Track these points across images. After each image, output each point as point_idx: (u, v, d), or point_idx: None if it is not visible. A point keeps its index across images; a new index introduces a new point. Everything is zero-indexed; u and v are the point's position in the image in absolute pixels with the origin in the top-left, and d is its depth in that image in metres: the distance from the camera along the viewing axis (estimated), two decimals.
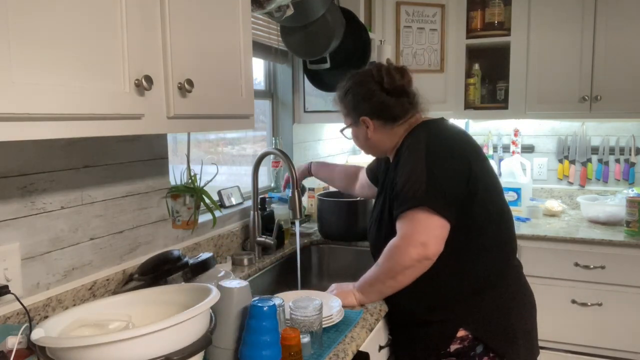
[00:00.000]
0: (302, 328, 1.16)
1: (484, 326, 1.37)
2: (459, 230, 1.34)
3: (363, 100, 1.50)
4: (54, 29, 0.81)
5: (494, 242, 1.41)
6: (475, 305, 1.38)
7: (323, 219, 2.21)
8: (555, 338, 2.42)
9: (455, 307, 1.38)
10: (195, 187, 1.63)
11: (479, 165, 1.40)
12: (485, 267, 1.39)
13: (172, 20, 1.06)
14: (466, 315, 1.38)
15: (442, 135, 1.44)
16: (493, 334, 1.37)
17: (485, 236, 1.39)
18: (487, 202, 1.40)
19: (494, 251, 1.41)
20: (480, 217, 1.38)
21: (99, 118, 0.91)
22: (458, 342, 1.38)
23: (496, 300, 1.39)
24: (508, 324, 1.40)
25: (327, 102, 2.46)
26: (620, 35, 2.47)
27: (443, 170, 1.34)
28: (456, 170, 1.36)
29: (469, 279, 1.38)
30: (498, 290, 1.40)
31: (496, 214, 1.43)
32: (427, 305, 1.41)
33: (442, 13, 2.74)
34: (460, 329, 1.38)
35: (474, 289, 1.38)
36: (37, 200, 1.20)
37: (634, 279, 2.30)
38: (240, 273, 1.76)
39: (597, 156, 2.92)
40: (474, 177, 1.36)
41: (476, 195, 1.36)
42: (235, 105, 1.30)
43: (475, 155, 1.42)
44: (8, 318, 1.12)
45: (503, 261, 1.44)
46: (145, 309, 1.09)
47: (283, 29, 2.13)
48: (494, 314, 1.39)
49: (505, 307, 1.40)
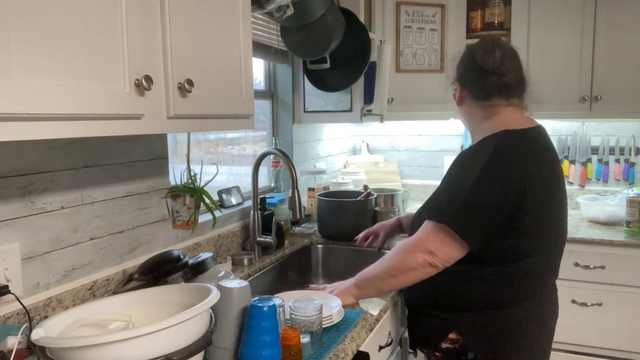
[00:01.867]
0: (302, 328, 1.16)
1: (472, 335, 1.38)
2: (489, 252, 1.32)
3: (461, 65, 1.49)
4: (54, 29, 0.81)
5: (513, 276, 1.35)
6: (469, 316, 1.38)
7: (323, 219, 2.21)
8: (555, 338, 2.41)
9: (452, 311, 1.40)
10: (195, 187, 1.63)
11: (537, 198, 1.31)
12: (494, 292, 1.36)
13: (172, 20, 1.06)
14: (459, 321, 1.39)
15: (508, 158, 1.32)
16: (481, 345, 1.37)
17: (513, 266, 1.34)
18: (528, 235, 1.33)
19: (510, 282, 1.35)
20: (513, 249, 1.33)
21: (99, 118, 0.91)
22: (449, 343, 1.42)
23: (496, 320, 1.37)
24: (500, 343, 1.37)
25: (327, 102, 2.46)
26: (620, 35, 2.47)
27: (486, 198, 1.28)
28: (500, 203, 1.29)
29: (478, 294, 1.36)
30: (499, 313, 1.36)
31: (535, 247, 1.35)
32: (432, 302, 1.44)
33: (442, 13, 2.74)
34: (452, 331, 1.40)
35: (473, 303, 1.38)
36: (37, 200, 1.20)
37: (634, 279, 2.29)
38: (240, 273, 1.76)
39: (597, 156, 2.92)
40: (522, 211, 1.29)
41: (516, 229, 1.30)
42: (235, 105, 1.30)
43: (539, 186, 1.32)
44: (8, 318, 1.12)
45: (517, 292, 1.37)
46: (145, 309, 1.09)
47: (283, 29, 2.13)
48: (487, 330, 1.37)
49: (502, 329, 1.37)
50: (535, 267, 1.38)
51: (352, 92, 2.41)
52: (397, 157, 3.32)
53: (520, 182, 1.29)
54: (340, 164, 3.17)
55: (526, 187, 1.29)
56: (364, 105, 2.44)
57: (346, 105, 2.43)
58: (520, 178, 1.30)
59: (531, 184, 1.31)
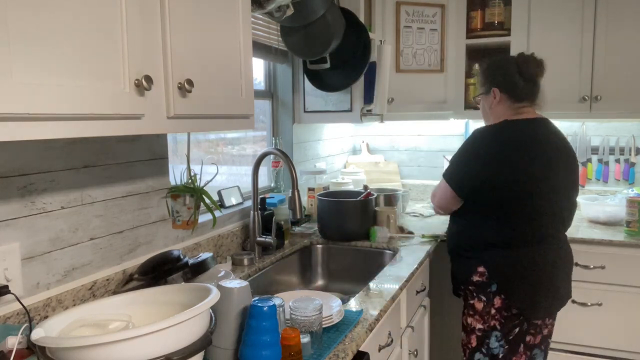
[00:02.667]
0: (302, 328, 1.16)
1: (493, 270, 1.75)
2: (482, 201, 1.76)
3: (500, 75, 1.86)
4: (54, 28, 0.81)
5: (514, 220, 1.74)
6: (489, 253, 1.76)
7: (323, 219, 2.21)
8: (555, 338, 2.42)
9: (476, 250, 1.80)
10: (195, 187, 1.63)
11: (512, 171, 1.70)
12: (501, 233, 1.75)
13: (172, 20, 1.06)
14: (482, 257, 1.78)
15: (498, 138, 1.75)
16: (501, 277, 1.74)
17: (503, 214, 1.74)
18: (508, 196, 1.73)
19: (512, 225, 1.74)
20: (504, 199, 1.73)
21: (99, 118, 0.91)
22: (478, 276, 1.78)
23: (506, 258, 1.74)
24: (519, 277, 1.73)
25: (327, 102, 2.46)
26: (620, 35, 2.47)
27: (468, 163, 1.79)
28: (479, 168, 1.75)
29: (487, 234, 1.77)
30: (508, 252, 1.74)
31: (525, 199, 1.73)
32: (461, 244, 1.86)
33: (442, 13, 2.74)
34: (480, 265, 1.77)
35: (490, 243, 1.76)
36: (37, 200, 1.20)
37: (634, 279, 2.29)
38: (240, 273, 1.76)
39: (597, 156, 2.92)
40: (492, 180, 1.72)
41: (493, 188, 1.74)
42: (235, 105, 1.30)
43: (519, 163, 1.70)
44: (8, 318, 1.12)
45: (520, 235, 1.74)
46: (145, 309, 1.09)
47: (283, 29, 2.13)
48: (504, 265, 1.74)
49: (511, 269, 1.74)
50: (530, 215, 1.73)
51: (352, 92, 2.41)
52: (397, 157, 3.32)
53: (499, 158, 1.72)
54: (340, 164, 3.17)
55: (505, 162, 1.71)
56: (364, 105, 2.44)
57: (346, 105, 2.43)
58: (503, 155, 1.72)
59: (511, 160, 1.71)
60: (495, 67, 1.89)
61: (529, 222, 1.74)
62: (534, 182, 1.72)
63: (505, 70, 1.84)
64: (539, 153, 1.73)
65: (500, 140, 1.75)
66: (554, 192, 1.75)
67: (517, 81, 1.81)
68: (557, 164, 1.76)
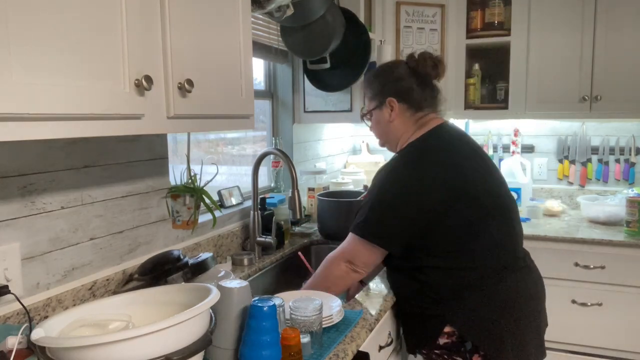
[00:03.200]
0: (302, 328, 1.16)
1: (469, 324, 1.40)
2: (441, 237, 1.42)
3: (392, 82, 1.57)
4: (54, 28, 0.81)
5: (468, 254, 1.42)
6: (461, 304, 1.41)
7: (323, 219, 2.21)
8: (555, 338, 2.42)
9: (443, 304, 1.42)
10: (195, 187, 1.63)
11: (437, 195, 1.40)
12: (467, 273, 1.41)
13: (172, 20, 1.06)
14: (453, 312, 1.42)
15: (416, 165, 1.45)
16: (478, 333, 1.40)
17: (456, 251, 1.42)
18: (466, 214, 1.41)
19: (481, 254, 1.42)
20: (445, 236, 1.42)
21: (99, 118, 0.91)
22: (446, 337, 1.43)
23: (483, 300, 1.40)
24: (494, 326, 1.40)
25: (327, 102, 2.46)
26: (620, 35, 2.47)
27: (384, 209, 1.44)
28: (398, 209, 1.42)
29: (456, 279, 1.42)
30: (485, 291, 1.41)
31: (467, 230, 1.41)
32: (419, 300, 1.47)
33: (442, 13, 2.74)
34: (447, 325, 1.42)
35: (461, 289, 1.41)
36: (37, 200, 1.20)
37: (634, 279, 2.29)
38: (240, 273, 1.76)
39: (597, 156, 2.92)
40: (426, 210, 1.40)
41: (430, 222, 1.40)
42: (235, 105, 1.30)
43: (434, 184, 1.42)
44: (8, 318, 1.12)
45: (492, 264, 1.43)
46: (145, 309, 1.09)
47: (283, 29, 2.13)
48: (480, 314, 1.40)
49: (493, 308, 1.40)
50: (485, 246, 1.43)
51: (352, 92, 2.41)
52: None
53: (422, 186, 1.42)
54: (340, 164, 3.17)
55: (431, 188, 1.41)
56: (364, 105, 2.44)
57: (346, 105, 2.43)
58: (421, 182, 1.43)
59: (434, 182, 1.42)
60: (385, 75, 1.60)
61: (493, 243, 1.44)
62: (482, 195, 1.45)
63: (397, 76, 1.57)
64: (473, 161, 1.49)
65: (432, 160, 1.45)
66: (497, 196, 1.49)
67: (412, 86, 1.54)
68: (487, 164, 1.53)
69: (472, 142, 1.57)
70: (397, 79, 1.57)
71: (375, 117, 1.62)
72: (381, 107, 1.58)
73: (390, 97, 1.55)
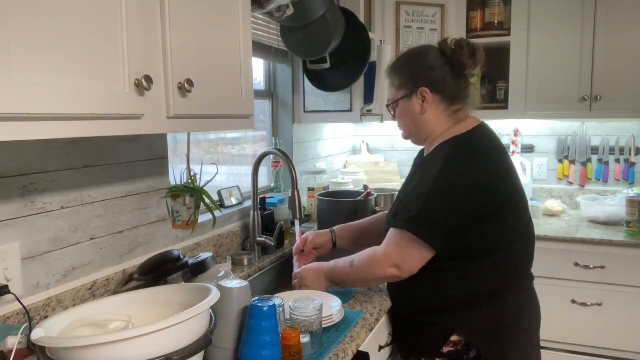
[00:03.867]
0: (302, 328, 1.16)
1: (477, 333, 1.38)
2: (465, 247, 1.35)
3: (426, 70, 1.43)
4: (54, 28, 0.81)
5: (500, 263, 1.38)
6: (471, 314, 1.38)
7: (323, 219, 2.21)
8: (555, 338, 2.42)
9: (452, 313, 1.39)
10: (195, 187, 1.63)
11: (494, 197, 1.35)
12: (487, 284, 1.38)
13: (172, 20, 1.06)
14: (461, 322, 1.38)
15: (463, 164, 1.36)
16: (485, 342, 1.38)
17: (490, 258, 1.37)
18: (497, 229, 1.36)
19: (499, 270, 1.38)
20: (486, 242, 1.36)
21: (99, 118, 0.91)
22: (451, 346, 1.40)
23: (496, 311, 1.38)
24: (502, 336, 1.39)
25: (327, 102, 2.46)
26: (620, 35, 2.47)
27: (443, 201, 1.32)
28: (457, 203, 1.32)
29: (470, 290, 1.37)
30: (497, 305, 1.38)
31: (508, 238, 1.38)
32: (426, 308, 1.43)
33: (442, 13, 2.74)
34: (454, 334, 1.39)
35: (473, 300, 1.38)
36: (37, 200, 1.20)
37: (634, 279, 2.29)
38: (240, 273, 1.76)
39: (597, 156, 2.92)
40: (482, 212, 1.33)
41: (479, 225, 1.33)
42: (235, 105, 1.30)
43: (496, 184, 1.36)
44: (8, 318, 1.12)
45: (508, 280, 1.40)
46: (145, 309, 1.09)
47: (283, 29, 2.13)
48: (489, 325, 1.38)
49: (503, 320, 1.39)
50: (512, 256, 1.40)
51: (352, 92, 2.41)
52: (397, 157, 3.32)
53: (474, 185, 1.33)
54: (340, 164, 3.17)
55: (480, 188, 1.33)
56: (364, 105, 2.44)
57: (346, 105, 2.43)
58: (475, 181, 1.33)
59: (489, 184, 1.35)
60: (417, 62, 1.46)
61: (518, 257, 1.42)
62: (520, 208, 1.41)
63: (431, 63, 1.43)
64: (509, 167, 1.44)
65: (491, 160, 1.38)
66: (525, 210, 1.45)
67: (446, 76, 1.42)
68: (516, 173, 1.47)
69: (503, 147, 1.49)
70: (430, 67, 1.43)
71: (402, 107, 1.47)
72: (410, 97, 1.44)
73: (423, 86, 1.42)
